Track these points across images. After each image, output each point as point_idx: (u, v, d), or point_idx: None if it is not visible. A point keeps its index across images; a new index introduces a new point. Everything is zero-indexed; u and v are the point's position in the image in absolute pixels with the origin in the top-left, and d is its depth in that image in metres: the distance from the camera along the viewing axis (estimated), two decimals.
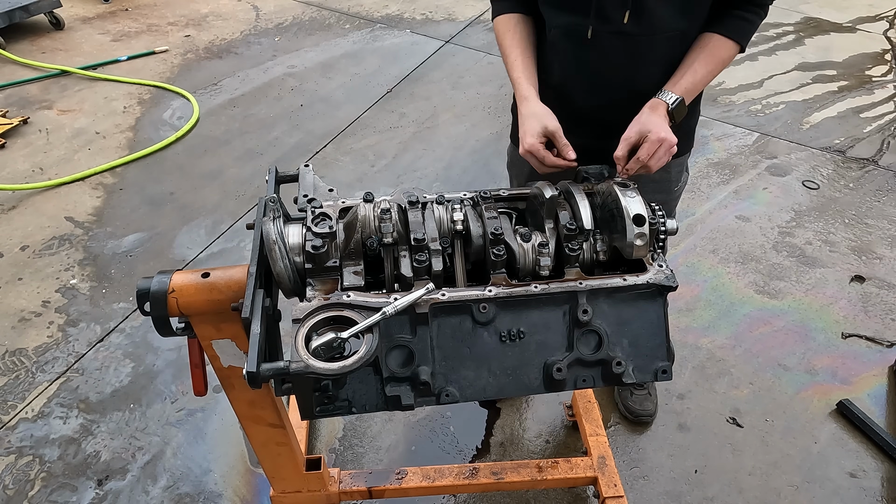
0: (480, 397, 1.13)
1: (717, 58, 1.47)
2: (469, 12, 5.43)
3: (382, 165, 3.66)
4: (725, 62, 1.49)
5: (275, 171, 1.33)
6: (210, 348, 1.27)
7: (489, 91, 4.35)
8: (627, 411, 2.33)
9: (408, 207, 1.18)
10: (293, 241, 1.14)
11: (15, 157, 3.64)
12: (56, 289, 2.84)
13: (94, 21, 5.19)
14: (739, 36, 1.47)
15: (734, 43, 1.47)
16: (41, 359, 2.54)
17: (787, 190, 3.51)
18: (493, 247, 1.14)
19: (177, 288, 1.14)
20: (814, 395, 2.46)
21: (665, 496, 2.14)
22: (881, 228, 3.25)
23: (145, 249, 3.05)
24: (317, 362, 0.95)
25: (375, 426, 2.32)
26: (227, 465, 2.20)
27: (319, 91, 4.33)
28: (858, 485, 2.18)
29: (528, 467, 1.94)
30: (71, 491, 2.12)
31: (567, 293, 1.12)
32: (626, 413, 2.34)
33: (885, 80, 4.57)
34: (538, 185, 1.23)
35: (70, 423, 2.31)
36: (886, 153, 3.82)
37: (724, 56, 1.48)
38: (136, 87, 4.32)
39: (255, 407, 1.46)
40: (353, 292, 1.07)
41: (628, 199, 1.14)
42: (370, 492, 1.89)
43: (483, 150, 3.78)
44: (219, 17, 5.30)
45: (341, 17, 5.32)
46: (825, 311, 2.80)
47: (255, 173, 3.56)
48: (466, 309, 1.10)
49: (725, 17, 1.47)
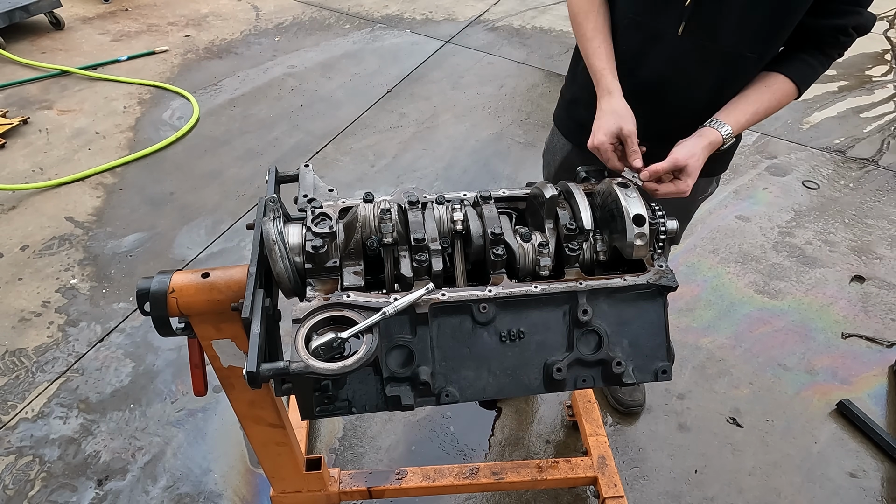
0: (480, 397, 1.12)
1: (776, 99, 1.44)
2: (469, 12, 5.43)
3: (382, 165, 3.66)
4: (782, 105, 1.46)
5: (275, 171, 1.33)
6: (210, 348, 1.27)
7: (489, 91, 4.35)
8: (618, 403, 2.36)
9: (408, 207, 1.18)
10: (293, 241, 1.14)
11: (15, 157, 3.64)
12: (56, 289, 2.84)
13: (94, 21, 5.19)
14: (802, 81, 1.44)
15: (796, 87, 1.44)
16: (41, 359, 2.54)
17: (787, 190, 3.51)
18: (493, 247, 1.14)
19: (177, 288, 1.14)
20: (814, 395, 2.46)
21: (665, 496, 2.14)
22: (881, 228, 3.25)
23: (145, 249, 3.05)
24: (317, 362, 0.95)
25: (375, 426, 2.32)
26: (227, 465, 2.20)
27: (319, 91, 4.33)
28: (858, 485, 2.18)
29: (528, 467, 1.94)
30: (71, 491, 2.12)
31: (567, 293, 1.12)
32: (616, 405, 2.36)
33: (885, 80, 4.58)
34: (538, 185, 1.23)
35: (70, 423, 2.31)
36: (886, 153, 3.82)
37: (783, 99, 1.45)
38: (136, 87, 4.32)
39: (255, 407, 1.46)
40: (353, 292, 1.07)
41: (628, 199, 1.14)
42: (370, 492, 1.89)
43: (483, 150, 3.78)
44: (219, 17, 5.30)
45: (341, 17, 5.32)
46: (825, 311, 2.80)
47: (255, 173, 3.56)
48: (466, 309, 1.10)
49: (793, 59, 1.44)
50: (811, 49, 1.44)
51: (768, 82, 1.44)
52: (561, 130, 1.81)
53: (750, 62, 1.43)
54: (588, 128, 1.44)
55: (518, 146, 3.81)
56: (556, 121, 1.83)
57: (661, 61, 1.46)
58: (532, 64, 4.68)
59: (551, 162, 1.88)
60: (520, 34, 5.07)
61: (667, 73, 1.47)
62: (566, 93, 1.77)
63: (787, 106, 1.50)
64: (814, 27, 1.39)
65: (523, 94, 4.33)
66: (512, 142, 3.85)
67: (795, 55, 1.45)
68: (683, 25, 1.39)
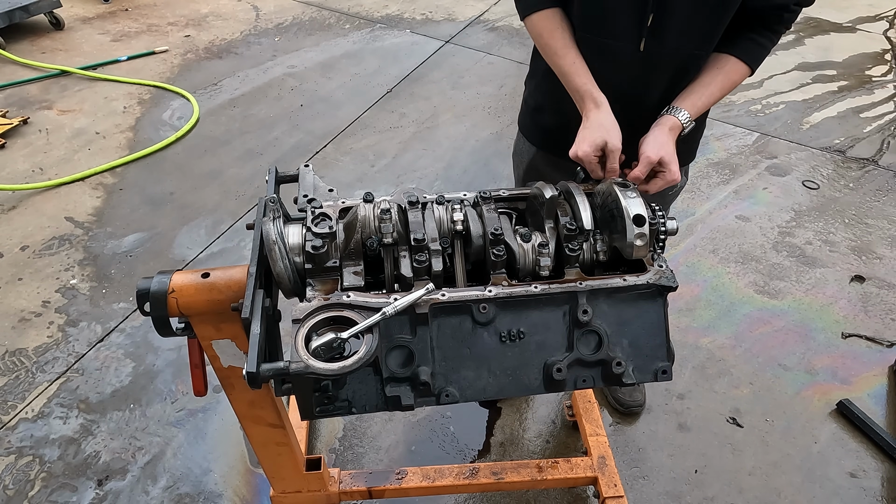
0: (480, 397, 1.12)
1: (730, 80, 1.48)
2: (469, 12, 5.43)
3: (382, 165, 3.66)
4: (736, 84, 1.50)
5: (275, 172, 1.33)
6: (210, 348, 1.27)
7: (489, 91, 4.35)
8: (618, 403, 2.36)
9: (408, 207, 1.18)
10: (293, 242, 1.14)
11: (15, 157, 3.64)
12: (56, 289, 2.84)
13: (94, 21, 5.19)
14: (753, 60, 1.48)
15: (747, 67, 1.48)
16: (41, 359, 2.54)
17: (787, 190, 3.51)
18: (493, 247, 1.14)
19: (177, 288, 1.14)
20: (814, 395, 2.46)
21: (665, 496, 2.14)
22: (881, 228, 3.25)
23: (145, 249, 3.05)
24: (317, 362, 0.95)
25: (375, 426, 2.32)
26: (227, 465, 2.20)
27: (319, 91, 4.33)
28: (858, 485, 2.18)
29: (528, 467, 1.94)
30: (71, 491, 2.12)
31: (567, 293, 1.12)
32: (616, 405, 2.36)
33: (885, 80, 4.57)
34: (538, 185, 1.23)
35: (70, 424, 2.31)
36: (886, 153, 3.82)
37: (736, 79, 1.49)
38: (136, 87, 4.32)
39: (255, 407, 1.46)
40: (353, 292, 1.07)
41: (628, 199, 1.14)
42: (370, 492, 1.89)
43: (483, 150, 3.78)
44: (219, 17, 5.30)
45: (341, 17, 5.32)
46: (825, 310, 2.80)
47: (255, 173, 3.56)
48: (466, 309, 1.10)
49: (740, 39, 1.47)
50: (759, 27, 1.46)
51: (720, 65, 1.47)
52: (525, 135, 1.86)
53: (699, 58, 1.47)
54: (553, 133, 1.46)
55: None
56: (521, 126, 1.88)
57: (618, 75, 1.49)
58: None
59: (519, 164, 1.94)
60: (520, 34, 5.07)
61: (623, 85, 1.50)
62: (530, 100, 1.80)
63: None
64: (758, 8, 1.42)
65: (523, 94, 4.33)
66: (512, 142, 3.85)
67: (744, 34, 1.47)
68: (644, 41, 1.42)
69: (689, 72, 1.49)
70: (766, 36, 1.47)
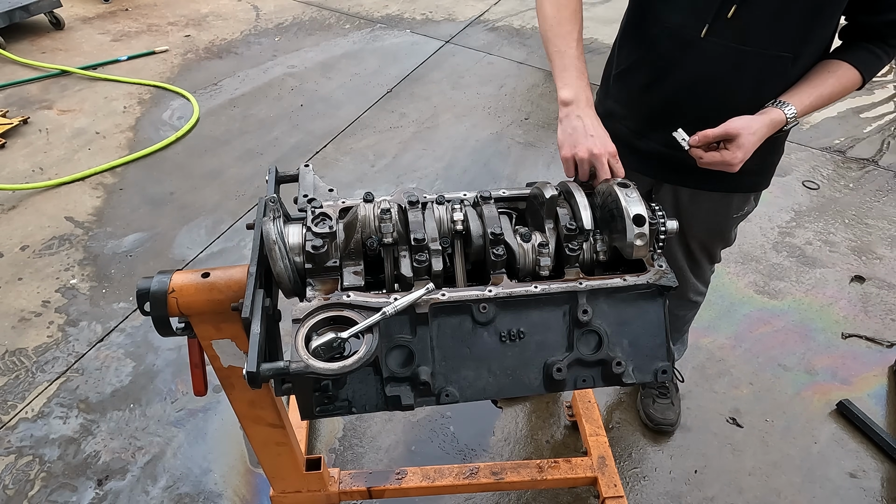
0: (480, 397, 1.12)
1: (841, 84, 1.42)
2: (469, 12, 5.43)
3: (382, 165, 3.66)
4: (846, 91, 1.44)
5: (275, 171, 1.33)
6: (210, 348, 1.27)
7: (489, 91, 4.35)
8: (648, 419, 2.30)
9: (408, 207, 1.18)
10: (293, 241, 1.14)
11: (15, 157, 3.64)
12: (56, 289, 2.84)
13: (94, 21, 5.19)
14: (866, 68, 1.42)
15: (860, 75, 1.42)
16: (41, 359, 2.54)
17: (787, 190, 3.51)
18: (493, 247, 1.14)
19: (177, 288, 1.14)
20: (814, 395, 2.46)
21: (665, 496, 2.14)
22: (881, 228, 3.25)
23: (145, 249, 3.05)
24: (317, 362, 0.95)
25: (375, 426, 2.32)
26: (227, 465, 2.20)
27: (319, 91, 4.33)
28: (858, 485, 2.18)
29: (528, 467, 1.94)
30: (71, 491, 2.12)
31: (567, 293, 1.12)
32: (646, 421, 2.31)
33: (885, 80, 4.57)
34: (538, 185, 1.23)
35: (70, 423, 2.31)
36: (886, 153, 3.82)
37: (848, 85, 1.43)
38: (136, 87, 4.32)
39: (255, 407, 1.46)
40: (353, 292, 1.07)
41: (628, 199, 1.14)
42: (370, 492, 1.89)
43: (483, 150, 3.78)
44: (219, 17, 5.30)
45: (341, 17, 5.32)
46: (825, 311, 2.80)
47: (255, 173, 3.56)
48: (466, 309, 1.10)
49: (857, 48, 1.43)
50: (876, 40, 1.43)
51: (831, 68, 1.43)
52: None
53: (787, 61, 1.41)
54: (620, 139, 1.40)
55: (518, 146, 3.81)
56: None
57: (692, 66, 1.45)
58: (532, 64, 4.68)
59: None
60: (520, 34, 5.07)
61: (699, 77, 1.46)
62: (599, 107, 1.70)
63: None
64: (871, 24, 1.40)
65: (523, 94, 4.33)
66: (512, 142, 3.85)
67: (859, 45, 1.44)
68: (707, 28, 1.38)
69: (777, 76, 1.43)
70: (883, 49, 1.43)
